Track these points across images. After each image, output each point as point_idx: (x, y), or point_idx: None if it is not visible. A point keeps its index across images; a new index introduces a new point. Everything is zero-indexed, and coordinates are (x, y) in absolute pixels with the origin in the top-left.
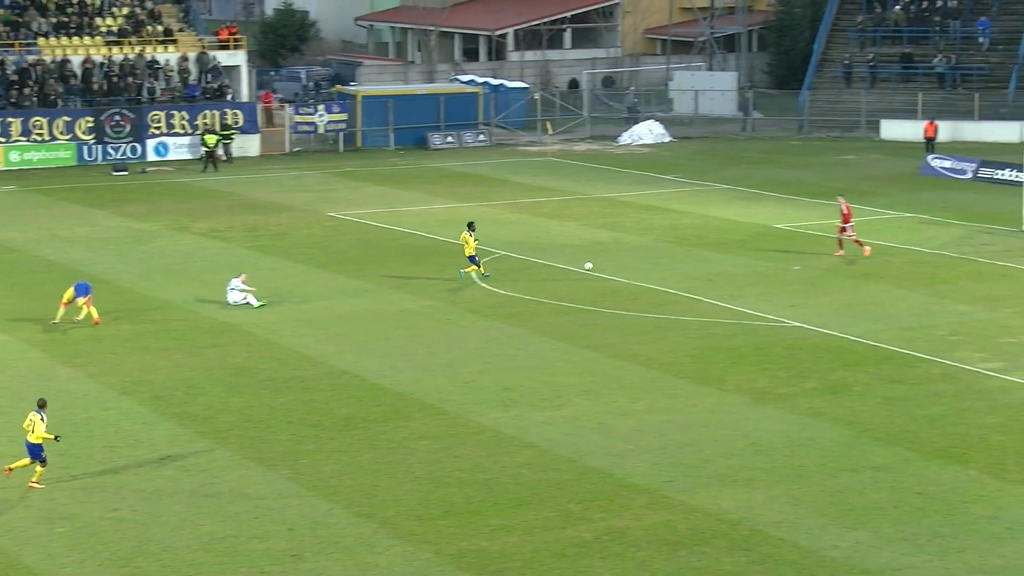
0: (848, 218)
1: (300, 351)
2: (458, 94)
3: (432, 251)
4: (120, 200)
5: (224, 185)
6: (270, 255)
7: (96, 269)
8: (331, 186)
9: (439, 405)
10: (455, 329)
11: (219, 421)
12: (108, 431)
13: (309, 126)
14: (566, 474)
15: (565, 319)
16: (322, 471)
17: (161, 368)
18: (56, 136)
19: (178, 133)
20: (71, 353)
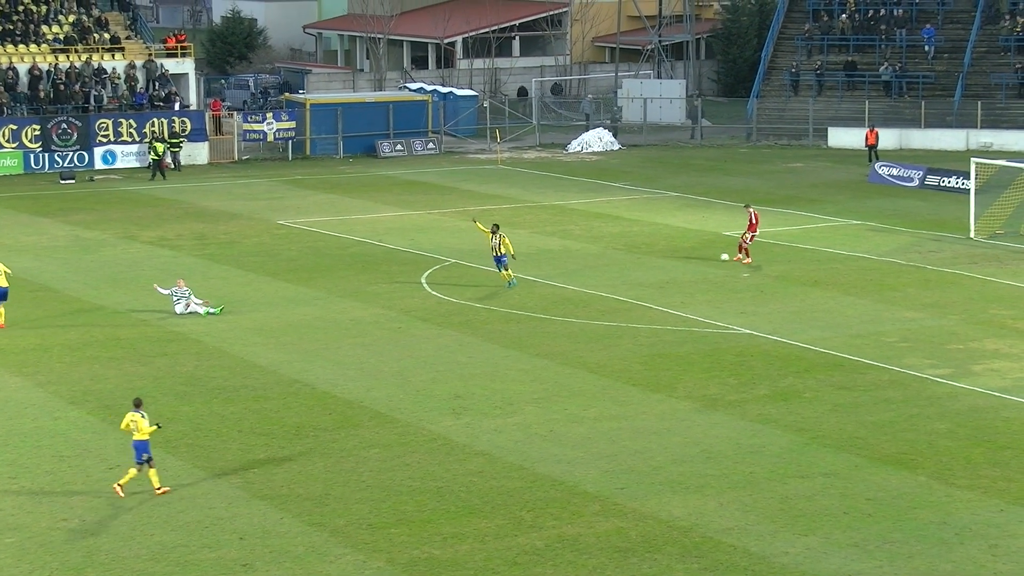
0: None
1: (250, 360)
2: (407, 102)
3: (382, 259)
4: (68, 208)
5: (172, 193)
6: (219, 263)
7: (44, 278)
8: (280, 194)
9: (390, 413)
10: (405, 337)
11: (170, 430)
12: (57, 440)
13: (258, 134)
14: (517, 481)
15: (515, 327)
16: (273, 480)
17: (110, 377)
18: (2, 144)
19: (126, 141)
20: (19, 362)
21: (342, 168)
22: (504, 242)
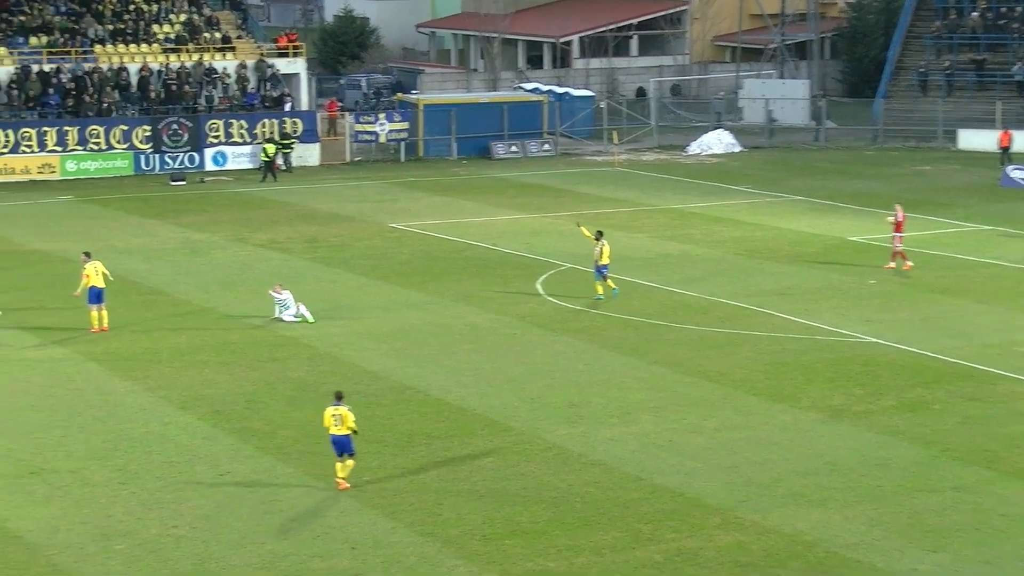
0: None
1: (362, 365)
2: (522, 102)
3: (496, 263)
4: (178, 210)
5: (283, 195)
6: (330, 267)
7: (153, 280)
8: (392, 196)
9: (504, 421)
10: (521, 343)
11: (280, 436)
12: (167, 446)
13: (370, 135)
14: (635, 493)
15: (633, 333)
16: (385, 488)
17: (220, 382)
18: (113, 145)
19: (237, 142)
20: (128, 366)
21: (455, 170)
22: (604, 251)
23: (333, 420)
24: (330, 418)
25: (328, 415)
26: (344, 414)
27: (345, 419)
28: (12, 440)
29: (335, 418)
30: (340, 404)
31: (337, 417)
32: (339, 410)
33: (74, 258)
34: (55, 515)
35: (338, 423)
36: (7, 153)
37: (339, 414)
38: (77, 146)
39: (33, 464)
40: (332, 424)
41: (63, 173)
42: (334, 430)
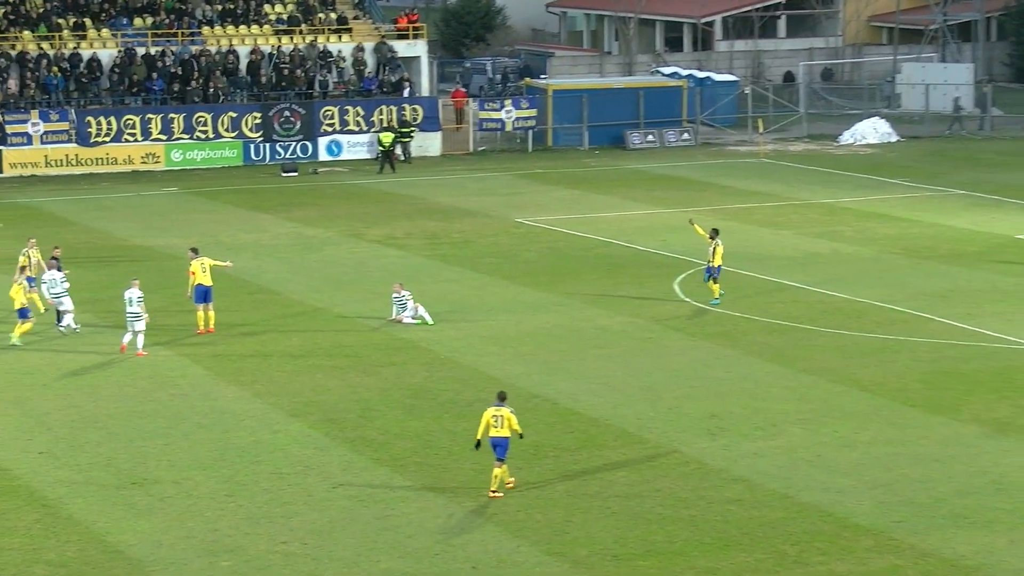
0: None
1: (485, 371)
2: (660, 88)
3: (630, 262)
4: (289, 203)
5: (402, 188)
6: (452, 265)
7: (263, 279)
8: (519, 189)
9: (638, 433)
10: (656, 349)
11: (397, 447)
12: (276, 456)
13: (495, 123)
14: (780, 512)
15: (779, 339)
16: (508, 504)
17: (333, 388)
18: (221, 134)
19: (352, 131)
20: (236, 370)
21: (587, 161)
22: (717, 251)
23: (493, 421)
24: (490, 419)
25: (488, 415)
26: (507, 416)
27: (508, 421)
28: (113, 448)
29: (496, 419)
30: (503, 405)
31: (498, 418)
32: (501, 411)
33: (180, 254)
34: (158, 529)
35: (499, 424)
36: (109, 142)
37: (501, 415)
38: (183, 135)
39: (135, 474)
40: (492, 425)
41: (168, 163)
42: (494, 432)
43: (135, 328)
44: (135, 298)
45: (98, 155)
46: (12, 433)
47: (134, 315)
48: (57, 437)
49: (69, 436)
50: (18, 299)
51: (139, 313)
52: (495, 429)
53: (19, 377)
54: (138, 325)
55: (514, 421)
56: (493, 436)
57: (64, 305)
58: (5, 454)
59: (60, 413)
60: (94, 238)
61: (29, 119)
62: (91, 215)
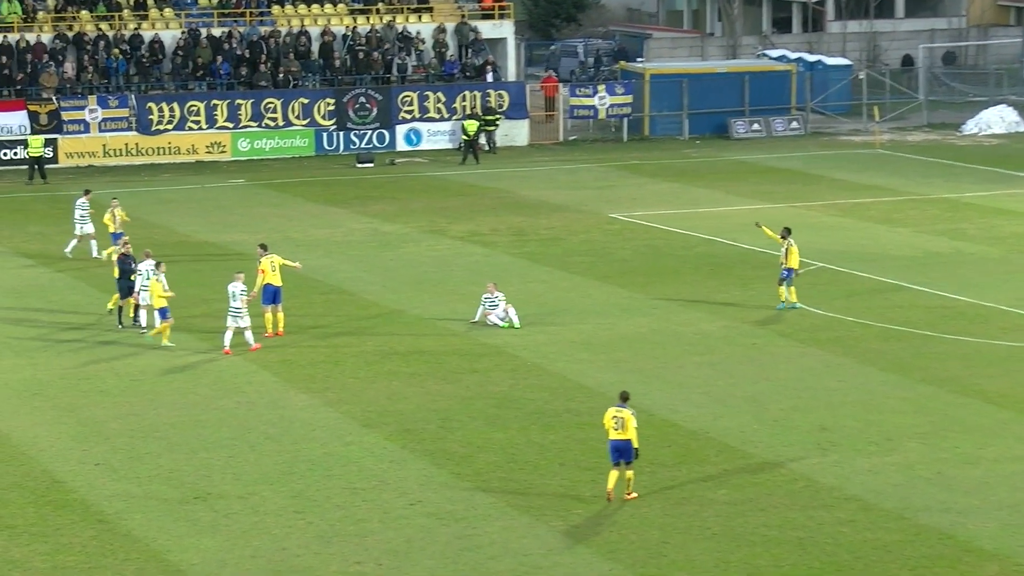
0: None
1: (575, 379)
2: (766, 72)
3: (734, 261)
4: (365, 197)
5: (486, 180)
6: (540, 264)
7: (336, 278)
8: (613, 182)
9: (742, 447)
10: (762, 356)
11: (479, 461)
12: (349, 470)
13: (587, 110)
14: (896, 534)
15: (896, 346)
16: (600, 524)
17: (411, 396)
18: (292, 121)
19: (433, 118)
20: (306, 377)
21: (687, 151)
22: (792, 252)
23: (614, 423)
24: (611, 420)
25: (609, 416)
26: (627, 417)
27: (627, 423)
28: (175, 460)
29: (616, 420)
30: (624, 406)
31: (619, 420)
32: (622, 412)
33: (247, 252)
34: (222, 547)
35: (619, 426)
36: (171, 130)
37: (621, 416)
38: (251, 122)
39: (198, 488)
40: (612, 427)
41: (234, 153)
42: (614, 434)
43: (240, 324)
44: (238, 292)
45: (159, 144)
46: (67, 443)
47: (237, 311)
48: (115, 447)
49: (128, 446)
50: (157, 295)
51: (242, 308)
52: (615, 431)
53: (75, 382)
54: (243, 321)
55: (632, 424)
56: (613, 439)
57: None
58: (60, 466)
59: (118, 422)
60: (154, 233)
61: (86, 105)
62: (151, 209)
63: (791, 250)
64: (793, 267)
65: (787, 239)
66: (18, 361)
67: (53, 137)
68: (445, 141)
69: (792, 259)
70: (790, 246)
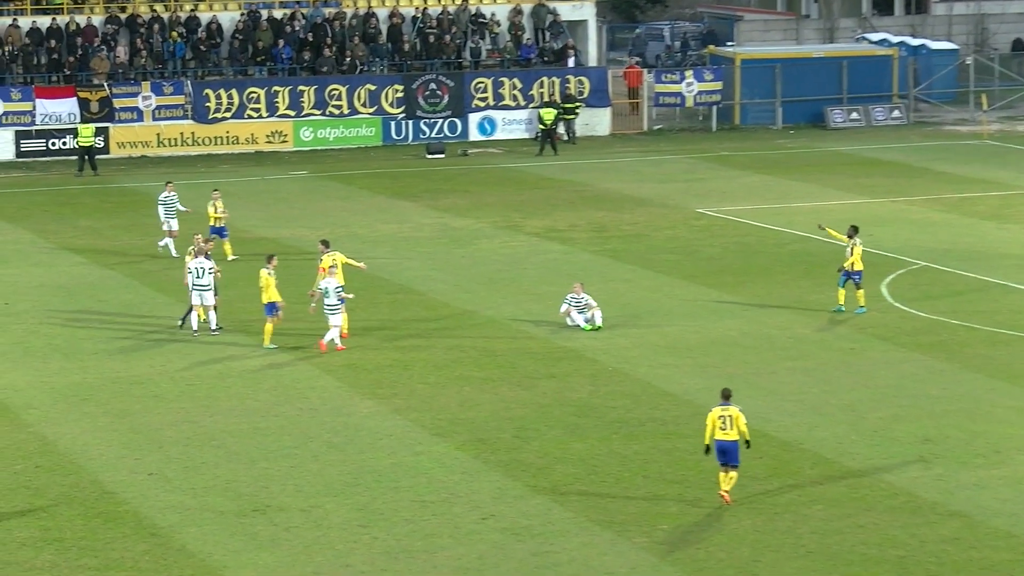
0: None
1: (660, 385)
2: (866, 57)
3: (830, 260)
4: (435, 190)
5: (565, 172)
6: (622, 262)
7: (404, 276)
8: (701, 174)
9: (838, 459)
10: (860, 361)
11: (557, 472)
12: (418, 481)
13: (674, 97)
14: (1005, 553)
15: (1005, 351)
16: (687, 540)
17: (484, 403)
18: (357, 109)
19: (508, 106)
20: (373, 382)
21: (780, 142)
22: (856, 252)
23: (720, 422)
24: (716, 419)
25: (714, 416)
26: (735, 415)
27: (736, 421)
28: (234, 470)
29: (723, 420)
30: (729, 404)
31: (726, 419)
32: (728, 410)
33: (309, 248)
34: (282, 563)
35: (726, 426)
36: (230, 118)
37: (729, 415)
38: (314, 110)
39: (257, 500)
40: (718, 427)
41: (296, 143)
42: (720, 435)
43: (332, 321)
44: (332, 288)
45: (217, 133)
46: (118, 451)
47: (332, 307)
48: (169, 456)
49: (183, 455)
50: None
51: (337, 305)
52: (723, 432)
53: (127, 387)
54: (334, 319)
55: (742, 422)
56: (720, 440)
57: (206, 299)
58: (110, 475)
59: (173, 429)
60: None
61: (140, 92)
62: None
63: (855, 249)
64: (860, 269)
65: (853, 238)
66: (67, 364)
67: (104, 126)
68: (521, 131)
69: (857, 260)
70: (855, 245)
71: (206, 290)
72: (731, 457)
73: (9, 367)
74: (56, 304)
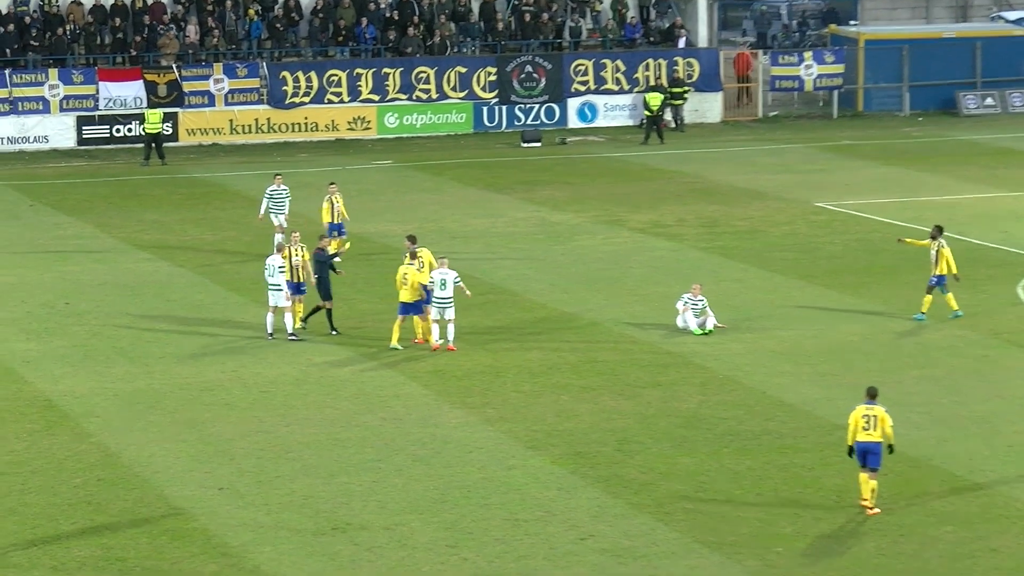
0: None
1: (775, 395)
2: (1002, 38)
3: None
4: (531, 181)
5: (673, 162)
6: (734, 260)
7: (497, 276)
8: (820, 165)
9: (970, 477)
10: (994, 370)
11: (662, 489)
12: (511, 498)
13: (791, 81)
14: None
15: None
16: (804, 563)
17: (583, 414)
18: (447, 93)
19: (611, 90)
20: (462, 389)
21: (907, 130)
22: (943, 255)
23: (864, 422)
24: (860, 419)
25: (858, 415)
26: (881, 416)
27: (882, 422)
28: (312, 484)
29: (867, 419)
30: (874, 403)
31: (870, 419)
32: (873, 409)
33: (395, 244)
34: None
35: (870, 426)
36: (308, 103)
37: (874, 415)
38: (399, 94)
39: (337, 517)
40: (861, 426)
41: (381, 130)
42: (863, 435)
43: (445, 316)
44: (451, 279)
45: (295, 119)
46: (187, 464)
47: (444, 301)
48: (242, 470)
49: (256, 469)
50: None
51: (450, 298)
52: (866, 432)
53: (196, 394)
54: (448, 312)
55: (888, 423)
56: (862, 441)
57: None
58: (178, 490)
59: (246, 440)
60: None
61: (211, 75)
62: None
63: (942, 252)
64: (945, 273)
65: (938, 239)
66: (132, 369)
67: (173, 111)
68: (624, 117)
69: (943, 263)
70: (941, 247)
71: (277, 290)
72: (872, 460)
73: (69, 372)
74: (120, 304)
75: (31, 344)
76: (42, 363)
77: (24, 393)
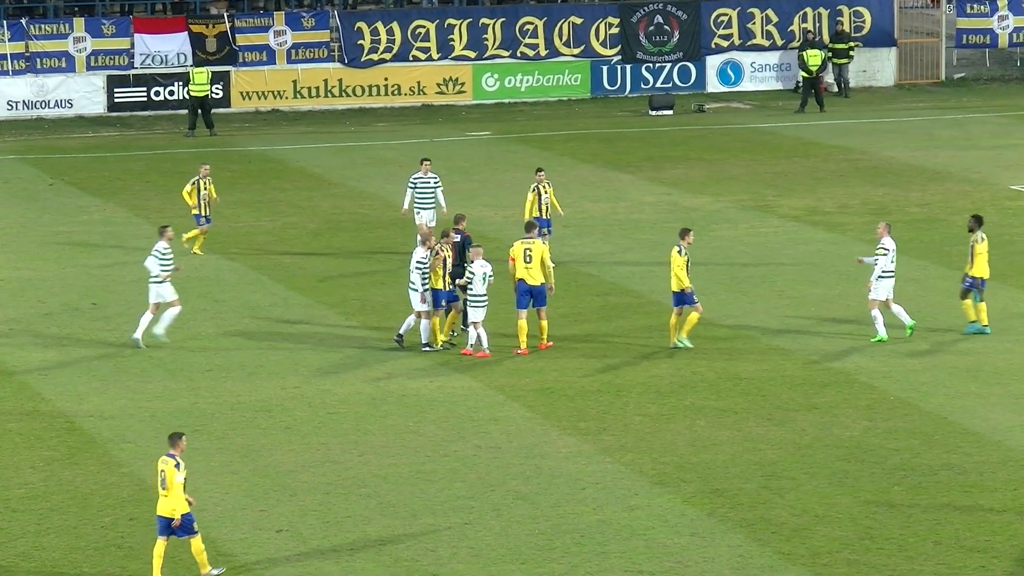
0: None
1: (957, 421)
2: None
3: None
4: (659, 157)
5: (833, 135)
6: (909, 255)
7: (614, 273)
8: (1016, 139)
9: None
10: None
11: (819, 535)
12: (634, 545)
13: (982, 36)
14: None
15: None
16: None
17: (722, 441)
18: (559, 50)
19: (759, 46)
20: (574, 412)
21: None
22: (978, 254)
23: None
24: None
25: None
26: None
27: None
28: (389, 526)
29: None
30: None
31: None
32: None
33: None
34: None
35: None
36: (389, 60)
37: None
38: (500, 50)
39: (420, 566)
40: None
41: (477, 94)
42: None
43: (474, 317)
44: (488, 274)
45: (372, 80)
46: (240, 500)
47: (478, 300)
48: (304, 508)
49: (322, 506)
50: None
51: (484, 296)
52: None
53: (250, 416)
54: (477, 313)
55: None
56: None
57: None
58: (228, 531)
59: (309, 472)
60: (362, 206)
61: (271, 26)
62: (360, 171)
63: (977, 249)
64: (978, 275)
65: (976, 232)
66: (173, 385)
67: (224, 70)
68: (775, 79)
69: (978, 263)
70: (976, 243)
71: (412, 291)
72: None
73: (97, 388)
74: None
75: (50, 353)
76: (63, 377)
77: (41, 413)
